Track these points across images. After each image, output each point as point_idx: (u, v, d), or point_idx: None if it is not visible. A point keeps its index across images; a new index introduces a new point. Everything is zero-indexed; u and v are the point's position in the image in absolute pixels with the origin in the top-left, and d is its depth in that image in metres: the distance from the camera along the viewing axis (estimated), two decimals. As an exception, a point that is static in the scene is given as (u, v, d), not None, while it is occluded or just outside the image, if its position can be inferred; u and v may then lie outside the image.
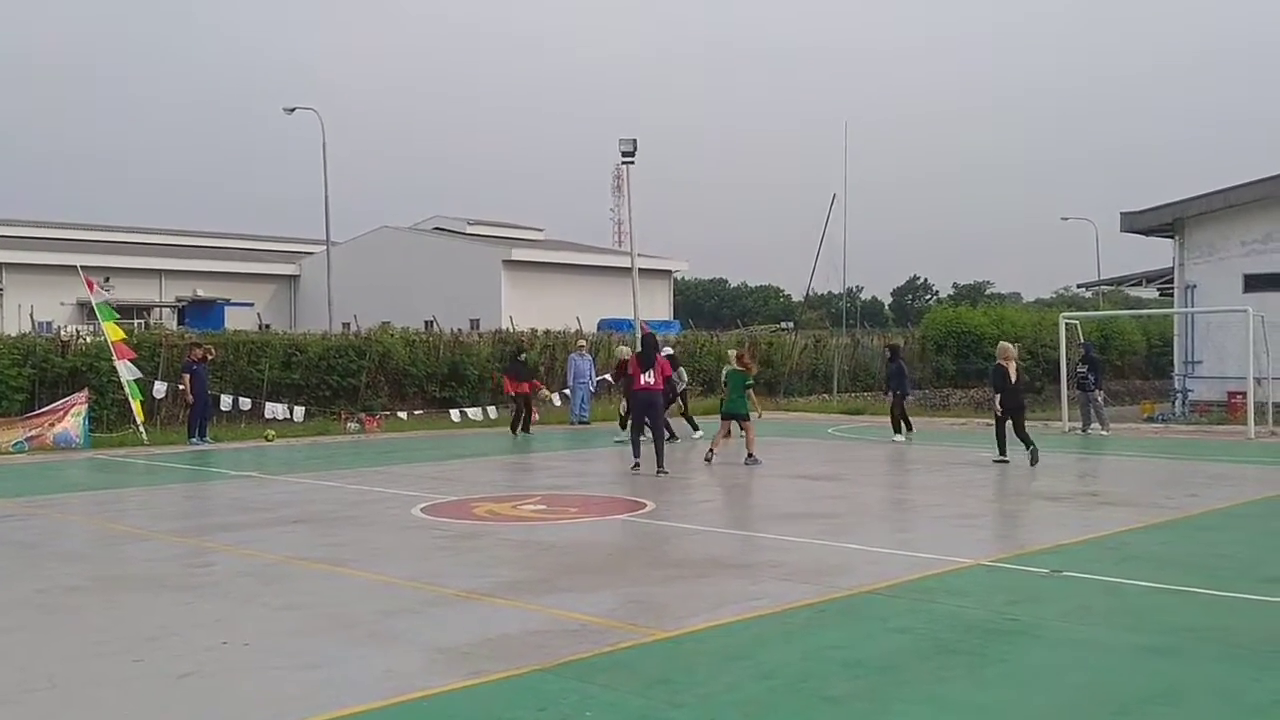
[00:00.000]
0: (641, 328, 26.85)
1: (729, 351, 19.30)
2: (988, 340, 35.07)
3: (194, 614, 7.27)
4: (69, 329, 26.85)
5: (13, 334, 23.59)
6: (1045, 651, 6.21)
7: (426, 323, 32.29)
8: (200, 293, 48.88)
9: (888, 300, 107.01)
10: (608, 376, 24.07)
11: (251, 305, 47.80)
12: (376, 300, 40.73)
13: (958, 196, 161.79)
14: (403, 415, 24.60)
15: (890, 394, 21.31)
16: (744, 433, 16.33)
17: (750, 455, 16.02)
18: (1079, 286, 57.89)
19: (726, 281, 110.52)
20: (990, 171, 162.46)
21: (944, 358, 36.59)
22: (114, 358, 20.86)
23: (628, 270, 27.47)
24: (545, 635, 6.52)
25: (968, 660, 6.05)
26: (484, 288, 44.54)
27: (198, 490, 14.82)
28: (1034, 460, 15.53)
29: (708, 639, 6.48)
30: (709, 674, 5.77)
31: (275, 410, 22.84)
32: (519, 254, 47.39)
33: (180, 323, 43.51)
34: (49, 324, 31.15)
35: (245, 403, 22.66)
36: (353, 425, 23.26)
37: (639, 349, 16.86)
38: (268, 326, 36.82)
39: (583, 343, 26.36)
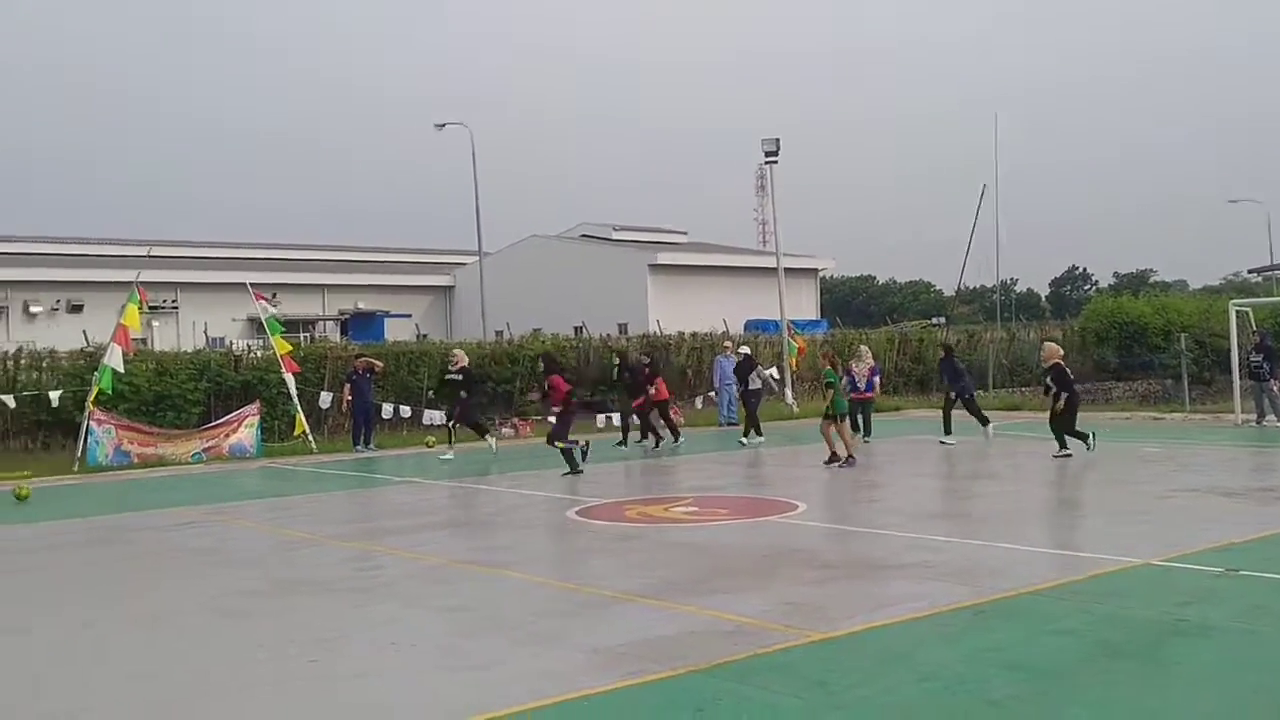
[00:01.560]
0: (787, 328, 26.89)
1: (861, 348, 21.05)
2: (1152, 330, 33.76)
3: (364, 616, 7.58)
4: (240, 344, 28.18)
5: (189, 350, 24.87)
6: (1219, 653, 5.98)
7: (576, 329, 32.77)
8: (361, 306, 50.73)
9: (1045, 292, 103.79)
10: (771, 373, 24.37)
11: (409, 316, 49.35)
12: (527, 308, 41.45)
13: (1117, 182, 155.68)
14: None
15: (949, 393, 20.53)
16: (840, 433, 15.82)
17: (850, 456, 15.65)
18: (1250, 272, 55.30)
19: (874, 278, 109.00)
20: (1152, 154, 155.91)
21: (1105, 349, 35.23)
22: (282, 369, 21.85)
23: (773, 270, 27.37)
24: (701, 636, 6.58)
25: (1136, 663, 5.87)
26: (631, 292, 44.92)
27: (363, 496, 15.38)
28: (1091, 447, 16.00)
29: (865, 640, 6.44)
30: (867, 676, 5.74)
31: (433, 417, 23.53)
32: (664, 258, 47.66)
33: (343, 335, 45.20)
34: (221, 340, 32.72)
35: (405, 410, 23.39)
36: (507, 430, 23.83)
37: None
38: (425, 336, 37.94)
39: (728, 344, 26.35)
